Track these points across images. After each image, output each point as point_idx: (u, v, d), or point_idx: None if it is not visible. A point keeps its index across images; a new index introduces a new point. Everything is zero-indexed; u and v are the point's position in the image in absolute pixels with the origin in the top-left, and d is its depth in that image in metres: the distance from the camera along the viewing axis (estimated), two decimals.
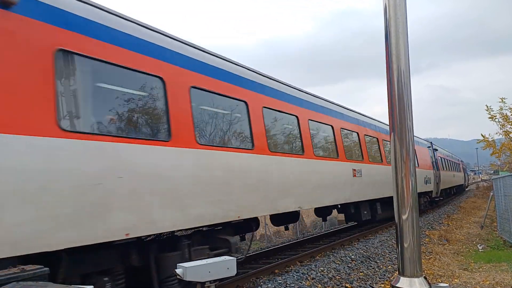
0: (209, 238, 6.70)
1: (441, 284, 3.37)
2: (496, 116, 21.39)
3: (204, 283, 4.88)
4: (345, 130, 11.53)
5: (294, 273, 7.98)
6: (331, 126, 10.53)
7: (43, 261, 3.60)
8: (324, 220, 13.96)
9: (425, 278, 3.28)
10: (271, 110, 8.05)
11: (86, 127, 4.65)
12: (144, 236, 5.24)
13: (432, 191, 21.06)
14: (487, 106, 21.39)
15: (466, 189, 52.66)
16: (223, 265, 5.06)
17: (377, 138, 14.11)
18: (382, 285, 7.83)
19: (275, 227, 14.92)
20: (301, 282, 7.32)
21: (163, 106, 5.59)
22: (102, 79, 5.01)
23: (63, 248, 4.02)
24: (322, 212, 11.74)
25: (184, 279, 4.75)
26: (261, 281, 7.64)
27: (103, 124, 4.89)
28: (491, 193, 18.60)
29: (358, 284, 7.71)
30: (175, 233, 6.12)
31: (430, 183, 20.31)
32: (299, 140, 8.81)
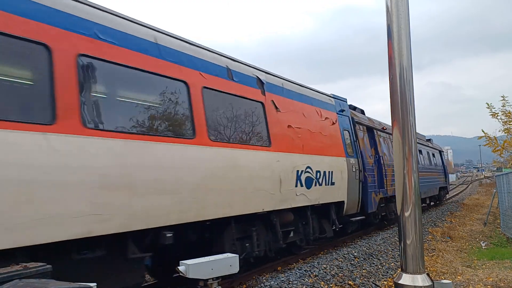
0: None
1: (444, 281, 3.36)
2: (497, 113, 21.28)
3: (207, 280, 4.89)
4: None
5: (297, 270, 7.98)
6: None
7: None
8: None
9: (427, 275, 3.27)
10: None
11: None
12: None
13: None
14: (488, 104, 21.27)
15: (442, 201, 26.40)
16: (226, 262, 5.07)
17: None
18: (385, 282, 7.83)
19: None
20: (303, 280, 7.32)
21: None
22: None
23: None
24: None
25: (187, 276, 4.76)
26: (263, 278, 7.65)
27: None
28: (494, 190, 18.54)
29: (361, 281, 7.70)
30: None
31: None
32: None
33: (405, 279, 3.19)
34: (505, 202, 14.41)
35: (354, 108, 13.62)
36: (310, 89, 9.94)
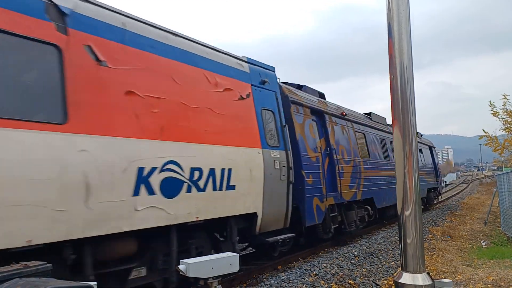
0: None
1: (444, 280, 3.37)
2: (498, 112, 21.35)
3: (207, 279, 4.89)
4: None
5: (297, 269, 7.98)
6: None
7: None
8: None
9: (428, 274, 3.27)
10: None
11: None
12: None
13: None
14: (490, 103, 21.36)
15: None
16: (226, 261, 5.07)
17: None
18: (385, 281, 7.83)
19: None
20: (304, 278, 7.33)
21: None
22: None
23: None
24: None
25: (187, 275, 4.76)
26: (264, 277, 7.66)
27: None
28: (495, 189, 18.54)
29: (361, 280, 7.70)
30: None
31: None
32: None
33: (406, 278, 3.19)
34: (506, 201, 14.40)
35: (300, 86, 10.47)
36: (195, 42, 6.60)
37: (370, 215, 12.13)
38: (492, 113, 21.31)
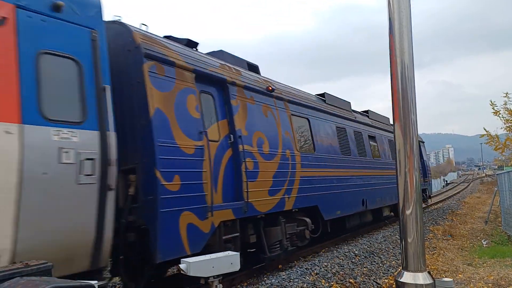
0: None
1: (445, 279, 3.37)
2: (500, 111, 21.36)
3: (208, 278, 4.89)
4: None
5: (298, 268, 7.98)
6: None
7: None
8: None
9: (429, 273, 3.27)
10: None
11: None
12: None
13: None
14: (491, 101, 21.37)
15: None
16: (227, 260, 5.07)
17: None
18: (386, 281, 7.82)
19: None
20: (304, 277, 7.32)
21: None
22: None
23: None
24: None
25: (188, 274, 4.77)
26: (264, 276, 7.66)
27: None
28: (496, 188, 18.53)
29: (362, 279, 7.70)
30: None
31: None
32: None
33: (406, 277, 3.20)
34: (507, 200, 14.39)
35: (193, 43, 7.13)
36: None
37: (313, 230, 9.06)
38: (493, 112, 21.32)
